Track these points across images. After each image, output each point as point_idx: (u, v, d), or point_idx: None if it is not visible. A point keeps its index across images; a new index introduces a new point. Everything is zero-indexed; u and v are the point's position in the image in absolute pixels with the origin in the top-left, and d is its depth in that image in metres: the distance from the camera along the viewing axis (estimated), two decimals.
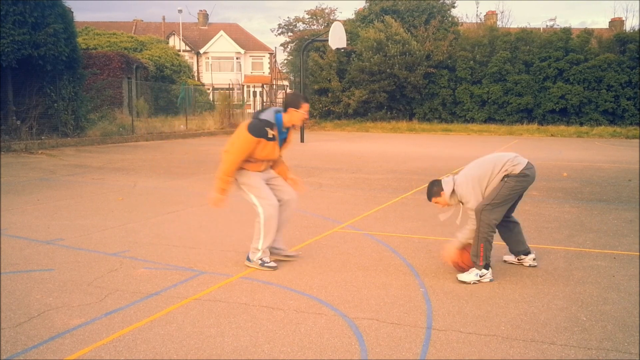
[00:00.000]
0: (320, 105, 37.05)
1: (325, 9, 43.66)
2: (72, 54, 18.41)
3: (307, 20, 44.01)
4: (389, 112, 36.07)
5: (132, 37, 38.96)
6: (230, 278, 4.99)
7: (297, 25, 44.51)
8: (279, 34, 46.64)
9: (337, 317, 4.09)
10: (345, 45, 29.54)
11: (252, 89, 56.53)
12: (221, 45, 58.66)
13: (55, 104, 18.44)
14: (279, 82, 49.67)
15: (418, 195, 9.82)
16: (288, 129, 5.33)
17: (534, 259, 5.44)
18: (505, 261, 5.57)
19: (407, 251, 5.99)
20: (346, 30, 28.84)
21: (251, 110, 38.76)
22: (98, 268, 5.24)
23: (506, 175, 5.02)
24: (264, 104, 40.45)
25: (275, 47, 60.16)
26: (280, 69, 49.68)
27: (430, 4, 37.39)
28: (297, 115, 5.13)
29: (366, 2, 39.62)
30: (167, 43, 46.46)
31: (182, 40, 55.74)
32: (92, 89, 22.81)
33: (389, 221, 7.57)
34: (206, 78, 54.79)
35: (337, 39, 28.32)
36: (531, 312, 4.24)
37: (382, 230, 6.94)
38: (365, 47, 34.92)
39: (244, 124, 5.14)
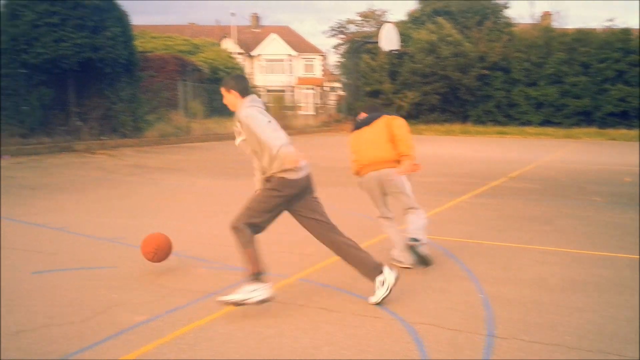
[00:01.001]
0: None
1: (377, 10, 43.52)
2: (130, 57, 18.87)
3: (359, 22, 43.98)
4: (441, 115, 35.68)
5: (186, 40, 39.63)
6: (287, 279, 5.02)
7: (349, 27, 44.52)
8: (331, 36, 46.76)
9: (395, 321, 4.06)
10: (397, 47, 29.42)
11: (304, 91, 56.82)
12: (273, 47, 59.16)
13: (114, 106, 18.92)
14: (331, 84, 49.76)
15: (474, 199, 9.67)
16: None
17: None
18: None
19: (465, 256, 5.90)
20: (398, 32, 28.67)
21: (304, 113, 38.96)
22: (159, 266, 5.34)
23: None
24: (317, 106, 40.57)
25: (327, 49, 60.32)
26: (332, 71, 49.77)
27: (483, 4, 36.81)
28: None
29: (418, 4, 39.31)
30: (221, 46, 47.14)
31: (235, 42, 56.47)
32: (149, 91, 23.28)
33: (445, 225, 7.48)
34: (259, 80, 55.37)
35: (389, 40, 28.19)
36: (597, 322, 4.11)
37: (438, 234, 6.86)
38: (418, 48, 34.64)
39: (393, 117, 5.54)
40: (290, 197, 4.35)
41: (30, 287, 4.72)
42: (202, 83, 30.77)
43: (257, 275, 4.27)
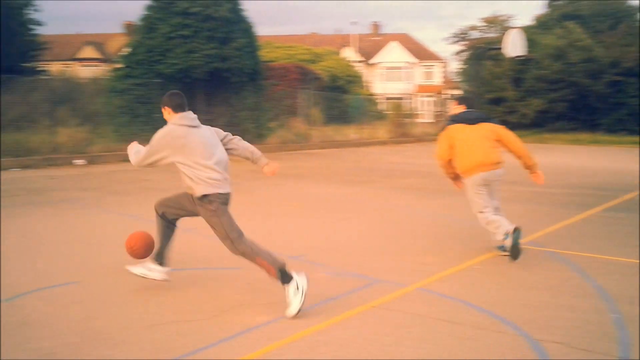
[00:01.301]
0: (495, 115, 35.87)
1: (501, 16, 42.33)
2: (254, 67, 19.56)
3: (482, 27, 42.97)
4: (568, 123, 34.01)
5: (308, 50, 40.56)
6: (406, 288, 4.98)
7: (471, 33, 43.62)
8: (452, 43, 46.01)
9: (520, 337, 3.90)
10: (522, 53, 28.40)
11: (423, 99, 56.25)
12: (393, 55, 59.05)
13: (239, 113, 19.67)
14: (451, 92, 48.95)
15: (605, 212, 9.13)
16: None
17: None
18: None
19: (596, 272, 5.57)
20: (523, 37, 27.70)
21: (423, 120, 38.54)
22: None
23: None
24: (436, 113, 40.04)
25: (447, 56, 59.34)
26: (452, 78, 48.96)
27: (617, 7, 34.75)
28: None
29: (547, 8, 37.79)
30: (341, 54, 47.74)
31: (355, 51, 56.96)
32: (272, 99, 24.01)
33: (574, 239, 7.11)
34: (377, 88, 55.46)
35: (514, 46, 27.27)
36: None
37: (567, 248, 6.53)
38: (544, 54, 33.27)
39: (502, 128, 6.11)
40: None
41: (163, 283, 4.99)
42: (321, 91, 31.29)
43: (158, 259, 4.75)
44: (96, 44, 48.86)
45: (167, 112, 4.63)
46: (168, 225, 4.88)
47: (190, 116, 4.63)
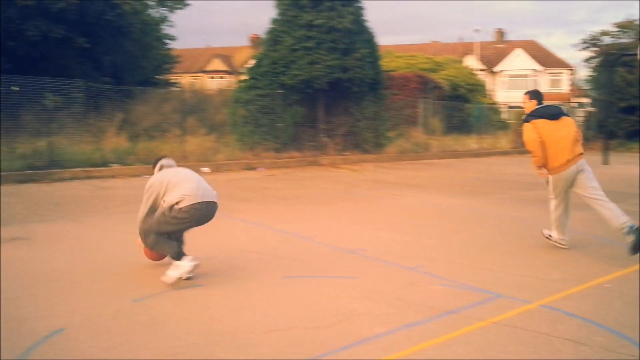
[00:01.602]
0: (627, 125, 33.69)
1: (635, 20, 39.71)
2: (375, 77, 19.63)
3: (615, 33, 40.55)
4: None
5: (429, 59, 40.11)
6: (529, 305, 4.78)
7: (603, 39, 41.28)
8: (582, 49, 43.76)
9: None
10: None
11: None
12: (517, 62, 57.09)
13: (359, 123, 19.80)
14: (579, 100, 46.55)
15: None
16: None
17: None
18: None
19: None
20: None
21: None
22: (397, 280, 5.44)
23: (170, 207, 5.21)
24: None
25: (576, 63, 56.56)
26: (580, 86, 46.53)
27: None
28: None
29: None
30: (463, 63, 46.83)
31: (477, 59, 55.66)
32: (392, 109, 23.96)
33: None
34: (500, 96, 53.82)
35: None
36: None
37: None
38: None
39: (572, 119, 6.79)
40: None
41: (281, 290, 5.12)
42: (442, 100, 30.83)
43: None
44: (223, 57, 51.14)
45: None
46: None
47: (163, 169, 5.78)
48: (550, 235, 6.95)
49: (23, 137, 14.73)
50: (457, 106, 32.82)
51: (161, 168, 5.75)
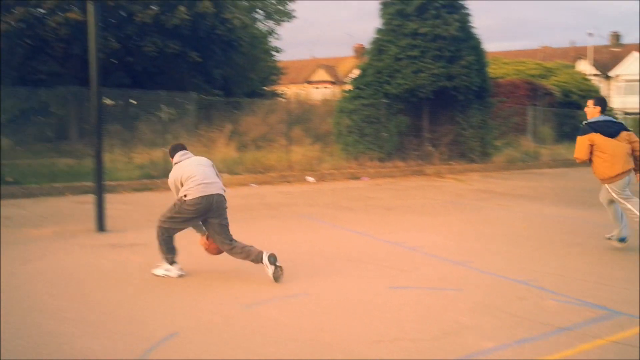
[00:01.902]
0: None
1: None
2: (482, 84, 19.19)
3: None
4: None
5: (538, 64, 38.68)
6: None
7: None
8: None
9: None
10: None
11: None
12: (634, 67, 53.97)
13: (464, 132, 19.42)
14: None
15: None
16: None
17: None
18: None
19: None
20: None
21: None
22: (506, 293, 5.28)
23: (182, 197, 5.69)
24: None
25: None
26: None
27: None
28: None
29: None
30: (575, 68, 44.84)
31: (591, 64, 53.11)
32: (499, 117, 23.32)
33: None
34: (615, 102, 51.03)
35: None
36: None
37: None
38: None
39: (631, 134, 7.02)
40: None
41: (387, 300, 5.11)
42: (552, 107, 29.69)
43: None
44: (328, 67, 51.80)
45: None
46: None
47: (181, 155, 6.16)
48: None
49: (140, 147, 15.61)
50: (569, 113, 31.47)
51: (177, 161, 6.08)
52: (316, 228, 8.88)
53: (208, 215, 5.76)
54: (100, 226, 8.46)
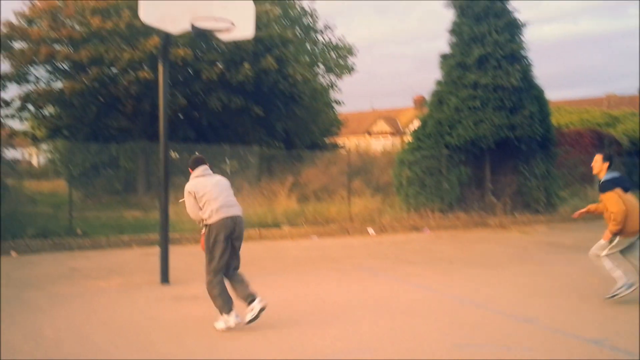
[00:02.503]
0: None
1: None
2: (545, 134, 18.86)
3: None
4: None
5: (604, 112, 37.88)
6: None
7: None
8: None
9: None
10: None
11: None
12: None
13: (528, 182, 19.03)
14: None
15: None
16: None
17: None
18: None
19: None
20: None
21: None
22: (577, 354, 5.07)
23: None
24: None
25: None
26: None
27: None
28: None
29: None
30: None
31: None
32: (564, 166, 22.79)
33: None
34: None
35: None
36: None
37: None
38: None
39: None
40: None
41: (452, 359, 4.97)
42: (620, 156, 28.87)
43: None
44: (388, 118, 52.07)
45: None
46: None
47: (200, 170, 6.31)
48: (620, 288, 7.07)
49: None
50: (638, 162, 30.51)
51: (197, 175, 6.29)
52: (378, 282, 8.79)
53: (232, 236, 6.04)
54: (165, 278, 8.63)
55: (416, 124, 20.98)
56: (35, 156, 37.20)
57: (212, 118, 20.92)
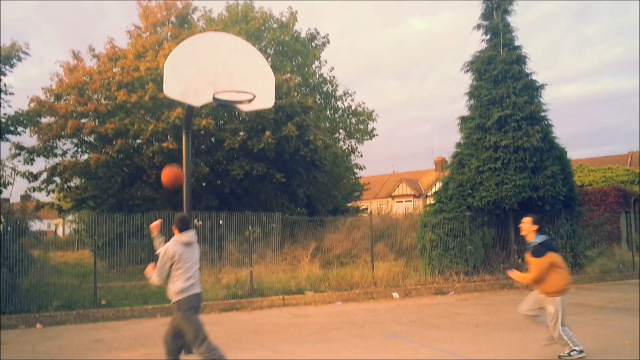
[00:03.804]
0: None
1: None
2: (569, 193, 18.75)
3: None
4: None
5: (628, 170, 37.61)
6: None
7: None
8: None
9: None
10: None
11: None
12: None
13: (553, 242, 18.82)
14: None
15: None
16: None
17: None
18: None
19: None
20: None
21: None
22: None
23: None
24: None
25: None
26: None
27: None
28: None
29: None
30: None
31: None
32: (589, 226, 22.51)
33: None
34: None
35: None
36: None
37: None
38: None
39: None
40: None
41: None
42: None
43: None
44: (410, 181, 52.18)
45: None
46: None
47: (184, 236, 6.63)
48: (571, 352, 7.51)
49: (227, 267, 16.00)
50: None
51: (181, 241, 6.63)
52: (403, 347, 8.66)
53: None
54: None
55: (438, 186, 21.00)
56: (61, 227, 37.75)
57: (234, 185, 21.16)
